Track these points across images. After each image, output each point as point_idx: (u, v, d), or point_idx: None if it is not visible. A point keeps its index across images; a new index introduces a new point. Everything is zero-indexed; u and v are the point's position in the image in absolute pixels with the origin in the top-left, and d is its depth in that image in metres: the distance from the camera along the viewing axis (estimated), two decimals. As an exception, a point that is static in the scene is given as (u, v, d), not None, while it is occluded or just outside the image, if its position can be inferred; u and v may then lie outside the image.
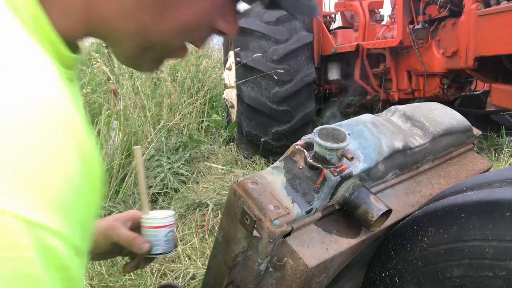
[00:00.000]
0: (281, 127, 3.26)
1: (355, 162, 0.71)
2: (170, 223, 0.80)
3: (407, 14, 3.06)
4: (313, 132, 0.68)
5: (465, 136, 0.98)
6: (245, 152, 3.52)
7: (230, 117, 4.21)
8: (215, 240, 0.76)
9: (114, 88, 3.46)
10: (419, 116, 0.89)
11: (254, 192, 0.65)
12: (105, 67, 3.38)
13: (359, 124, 0.78)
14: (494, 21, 2.23)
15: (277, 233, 0.61)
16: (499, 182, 0.68)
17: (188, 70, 4.58)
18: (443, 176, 0.92)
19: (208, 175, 3.12)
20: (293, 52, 3.23)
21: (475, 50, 2.41)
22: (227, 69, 3.96)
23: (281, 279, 0.68)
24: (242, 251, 0.69)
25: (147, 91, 3.83)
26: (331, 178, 0.65)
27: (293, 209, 0.65)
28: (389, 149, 0.76)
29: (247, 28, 3.25)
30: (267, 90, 3.19)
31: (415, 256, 0.71)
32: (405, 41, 3.10)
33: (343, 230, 0.71)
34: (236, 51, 3.29)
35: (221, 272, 0.77)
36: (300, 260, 0.63)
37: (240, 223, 0.67)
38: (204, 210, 2.49)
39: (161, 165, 2.92)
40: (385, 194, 0.81)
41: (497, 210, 0.60)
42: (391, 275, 0.77)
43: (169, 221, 0.80)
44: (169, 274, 1.90)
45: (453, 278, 0.65)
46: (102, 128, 2.85)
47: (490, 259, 0.59)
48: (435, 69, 2.96)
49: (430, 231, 0.69)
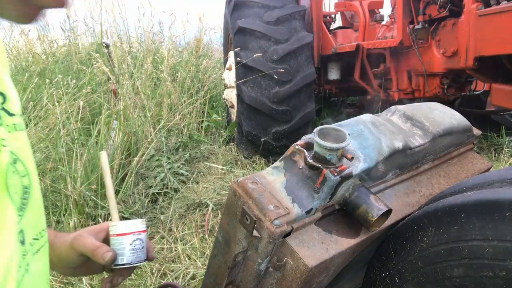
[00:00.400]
0: (281, 127, 3.26)
1: (355, 162, 0.71)
2: (136, 231, 0.74)
3: (407, 14, 3.06)
4: (313, 132, 0.68)
5: (465, 136, 0.98)
6: (245, 152, 3.52)
7: (230, 117, 4.21)
8: (215, 240, 0.76)
9: (114, 88, 3.46)
10: (419, 116, 0.89)
11: (254, 192, 0.65)
12: (105, 67, 3.38)
13: (359, 124, 0.78)
14: (494, 21, 2.23)
15: (277, 233, 0.61)
16: (499, 182, 0.68)
17: (188, 70, 4.58)
18: (443, 176, 0.92)
19: (208, 175, 3.12)
20: (293, 52, 3.23)
21: (475, 50, 2.41)
22: (227, 69, 3.96)
23: (281, 279, 0.68)
24: (242, 251, 0.69)
25: (147, 91, 3.83)
26: (331, 178, 0.65)
27: (293, 209, 0.65)
28: (389, 149, 0.76)
29: (247, 28, 3.25)
30: (267, 90, 3.19)
31: (415, 256, 0.71)
32: (405, 41, 3.10)
33: (343, 230, 0.71)
34: (236, 51, 3.29)
35: (221, 272, 0.77)
36: (300, 260, 0.63)
37: (240, 223, 0.67)
38: (204, 210, 2.49)
39: (161, 165, 2.92)
40: (385, 194, 0.81)
41: (497, 210, 0.60)
42: (391, 275, 0.77)
43: (135, 228, 0.74)
44: (169, 274, 1.90)
45: (453, 278, 0.65)
46: (102, 128, 2.85)
47: (490, 259, 0.59)
48: (435, 69, 2.96)
49: (430, 231, 0.69)
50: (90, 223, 2.30)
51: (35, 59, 4.48)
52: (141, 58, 4.51)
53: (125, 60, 4.11)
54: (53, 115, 3.01)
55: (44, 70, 4.17)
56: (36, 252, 0.54)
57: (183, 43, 6.08)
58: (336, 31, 4.43)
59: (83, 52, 4.87)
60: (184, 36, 6.02)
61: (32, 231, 0.53)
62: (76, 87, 3.52)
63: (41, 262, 0.56)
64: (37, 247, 0.55)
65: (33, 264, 0.52)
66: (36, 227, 0.55)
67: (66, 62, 4.47)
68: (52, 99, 3.06)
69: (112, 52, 4.24)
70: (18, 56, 4.77)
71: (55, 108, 2.94)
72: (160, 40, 5.84)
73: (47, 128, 3.00)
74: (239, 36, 3.30)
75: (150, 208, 2.60)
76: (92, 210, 2.34)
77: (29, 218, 0.52)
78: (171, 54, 4.78)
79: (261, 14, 3.37)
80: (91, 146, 2.76)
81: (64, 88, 3.23)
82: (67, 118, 2.95)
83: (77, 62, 4.29)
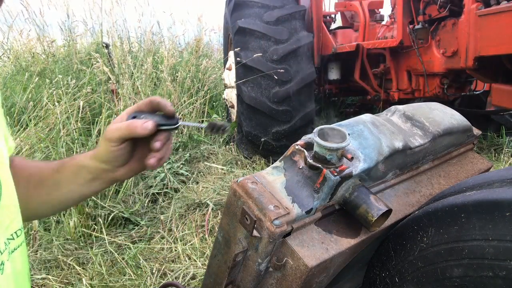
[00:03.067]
0: (281, 127, 3.25)
1: (355, 162, 0.71)
2: None
3: (407, 14, 3.06)
4: (313, 132, 0.68)
5: (465, 136, 0.98)
6: (245, 152, 3.52)
7: (230, 117, 4.21)
8: (215, 240, 0.76)
9: (114, 88, 3.46)
10: (419, 116, 0.89)
11: (254, 192, 0.65)
12: (105, 67, 3.38)
13: (359, 124, 0.78)
14: (494, 21, 2.23)
15: (277, 233, 0.61)
16: (499, 182, 0.68)
17: (188, 70, 4.58)
18: (443, 176, 0.92)
19: (208, 175, 3.12)
20: (293, 52, 3.23)
21: (475, 50, 2.41)
22: (227, 69, 3.96)
23: (281, 279, 0.68)
24: (242, 251, 0.69)
25: (147, 91, 3.83)
26: (331, 178, 0.65)
27: (293, 209, 0.65)
28: (389, 149, 0.76)
29: (247, 28, 3.25)
30: (267, 90, 3.19)
31: (415, 256, 0.71)
32: (405, 41, 3.10)
33: (343, 230, 0.71)
34: (236, 51, 3.29)
35: (221, 272, 0.77)
36: (300, 260, 0.63)
37: (240, 223, 0.67)
38: (204, 210, 2.49)
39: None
40: (385, 194, 0.81)
41: (497, 210, 0.60)
42: (391, 275, 0.77)
43: None
44: (169, 274, 1.90)
45: (453, 278, 0.65)
46: (102, 128, 2.85)
47: (490, 259, 0.59)
48: (435, 69, 2.96)
49: (430, 231, 0.69)
50: (90, 223, 2.30)
51: (35, 59, 4.48)
52: (141, 58, 4.51)
53: (125, 60, 4.10)
54: (53, 115, 3.01)
55: (44, 70, 4.17)
56: (12, 251, 0.55)
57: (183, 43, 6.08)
58: (336, 31, 4.43)
59: (83, 52, 4.87)
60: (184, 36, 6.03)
61: (6, 231, 0.54)
62: (76, 87, 3.52)
63: (18, 262, 0.56)
64: (13, 247, 0.55)
65: (8, 264, 0.53)
66: (10, 228, 0.55)
67: (66, 62, 4.47)
68: (52, 99, 3.06)
69: (112, 52, 4.24)
70: (18, 56, 4.77)
71: (55, 108, 2.94)
72: (160, 40, 5.84)
73: (47, 128, 3.00)
74: (239, 36, 3.30)
75: (150, 208, 2.60)
76: (92, 210, 2.34)
77: (1, 218, 0.53)
78: (171, 54, 4.78)
79: (261, 14, 3.37)
80: (91, 146, 2.76)
81: (64, 88, 3.23)
82: (67, 118, 2.95)
83: (77, 62, 4.29)
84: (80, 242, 2.20)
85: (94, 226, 2.29)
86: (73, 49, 4.66)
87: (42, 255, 2.07)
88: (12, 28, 4.85)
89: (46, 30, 5.02)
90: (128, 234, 2.31)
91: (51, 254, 2.08)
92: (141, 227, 2.38)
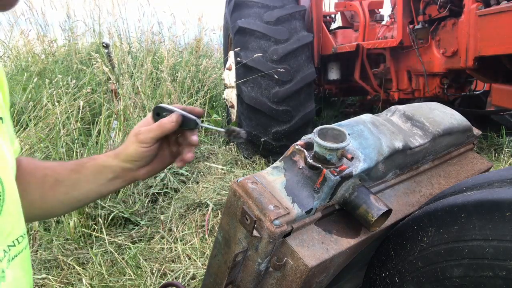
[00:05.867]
0: (281, 127, 3.25)
1: (355, 162, 0.71)
2: None
3: (407, 14, 3.06)
4: (313, 132, 0.68)
5: (465, 136, 0.98)
6: (245, 152, 3.52)
7: (230, 117, 4.21)
8: (215, 240, 0.76)
9: (114, 88, 3.46)
10: (419, 116, 0.89)
11: (254, 192, 0.65)
12: (105, 67, 3.38)
13: (359, 124, 0.78)
14: (494, 21, 2.23)
15: (277, 233, 0.61)
16: (499, 182, 0.68)
17: (188, 70, 4.58)
18: (443, 176, 0.92)
19: (208, 175, 3.12)
20: (293, 52, 3.23)
21: (475, 50, 2.41)
22: (227, 69, 3.96)
23: (281, 279, 0.68)
24: (242, 251, 0.69)
25: (147, 91, 3.83)
26: (331, 178, 0.65)
27: (293, 209, 0.65)
28: (389, 149, 0.76)
29: (247, 28, 3.25)
30: (267, 90, 3.19)
31: (415, 256, 0.71)
32: (405, 41, 3.10)
33: (343, 230, 0.71)
34: (236, 51, 3.29)
35: (221, 272, 0.77)
36: (300, 260, 0.63)
37: (240, 223, 0.67)
38: (204, 210, 2.49)
39: (161, 165, 2.91)
40: (385, 194, 0.81)
41: (497, 210, 0.60)
42: (391, 275, 0.77)
43: None
44: (169, 274, 1.90)
45: (453, 278, 0.65)
46: (102, 128, 2.85)
47: (490, 259, 0.59)
48: (435, 69, 2.96)
49: (430, 231, 0.69)
50: (90, 223, 2.30)
51: (35, 59, 4.48)
52: (141, 58, 4.51)
53: (125, 60, 4.10)
54: (53, 115, 3.01)
55: (43, 70, 4.17)
56: (13, 258, 0.54)
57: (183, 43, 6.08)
58: (336, 31, 4.43)
59: (83, 52, 4.87)
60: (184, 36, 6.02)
61: (7, 238, 0.53)
62: (76, 87, 3.52)
63: (19, 269, 0.55)
64: (14, 253, 0.54)
65: (9, 271, 0.52)
66: (12, 234, 0.54)
67: (66, 62, 4.47)
68: (52, 99, 3.06)
69: (112, 52, 4.24)
70: (18, 56, 4.77)
71: (55, 108, 2.94)
72: (160, 40, 5.84)
73: (47, 128, 3.00)
74: (239, 36, 3.29)
75: (150, 208, 2.60)
76: (92, 210, 2.34)
77: (3, 225, 0.51)
78: (171, 54, 4.78)
79: (261, 14, 3.37)
80: (91, 146, 2.76)
81: (64, 88, 3.23)
82: (67, 118, 2.95)
83: (77, 62, 4.29)
84: (80, 242, 2.20)
85: (94, 226, 2.29)
86: (73, 49, 4.66)
87: (42, 255, 2.07)
88: (13, 28, 4.86)
89: (47, 30, 5.03)
90: (128, 234, 2.30)
91: (51, 254, 2.08)
92: (141, 227, 2.38)
